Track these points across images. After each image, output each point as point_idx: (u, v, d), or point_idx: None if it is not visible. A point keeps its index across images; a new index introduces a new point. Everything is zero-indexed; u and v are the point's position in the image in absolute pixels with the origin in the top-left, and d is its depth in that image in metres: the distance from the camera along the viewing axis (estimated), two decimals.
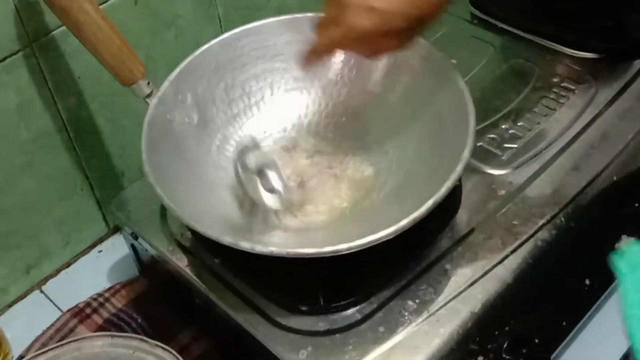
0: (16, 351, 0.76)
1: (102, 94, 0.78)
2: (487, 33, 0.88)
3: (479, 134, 0.75)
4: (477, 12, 0.92)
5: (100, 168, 0.83)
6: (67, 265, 0.86)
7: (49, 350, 0.69)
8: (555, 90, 0.79)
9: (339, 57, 0.76)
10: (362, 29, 0.57)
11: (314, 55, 0.64)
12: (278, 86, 0.77)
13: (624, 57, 0.82)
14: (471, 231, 0.67)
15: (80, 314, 0.78)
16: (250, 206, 0.69)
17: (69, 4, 0.63)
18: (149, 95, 0.69)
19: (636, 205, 0.76)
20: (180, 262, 0.69)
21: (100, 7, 0.68)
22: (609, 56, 0.82)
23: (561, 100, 0.78)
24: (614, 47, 0.83)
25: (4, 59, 0.69)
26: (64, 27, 0.67)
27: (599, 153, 0.73)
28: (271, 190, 0.66)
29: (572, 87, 0.80)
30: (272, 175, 0.66)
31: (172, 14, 0.81)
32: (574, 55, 0.83)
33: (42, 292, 0.84)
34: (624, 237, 0.74)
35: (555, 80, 0.81)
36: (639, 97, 0.78)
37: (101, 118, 0.80)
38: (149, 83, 0.69)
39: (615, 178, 0.72)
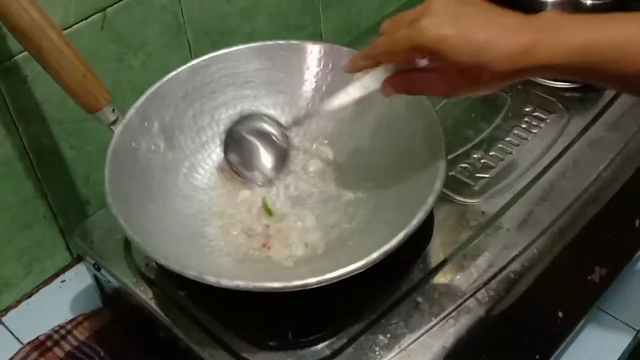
0: None
1: (66, 120, 0.76)
2: None
3: (451, 163, 0.74)
4: None
5: (64, 196, 0.81)
6: (29, 295, 0.83)
7: None
8: (527, 119, 0.79)
9: (310, 86, 0.75)
10: (430, 36, 0.53)
11: (365, 58, 0.60)
12: None
13: (596, 86, 0.82)
14: (443, 262, 0.66)
15: (41, 346, 0.75)
16: (218, 237, 0.68)
17: (31, 29, 0.61)
18: (113, 123, 0.67)
19: (608, 236, 0.75)
20: (145, 294, 0.67)
21: (66, 31, 0.67)
22: (581, 86, 0.82)
23: (533, 130, 0.78)
24: None
25: None
26: (27, 52, 0.66)
27: (571, 183, 0.73)
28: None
29: (544, 117, 0.79)
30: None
31: (139, 39, 0.79)
32: (546, 84, 0.83)
33: (1, 323, 0.81)
34: (596, 268, 0.74)
35: (527, 109, 0.81)
36: (610, 127, 0.78)
37: (65, 145, 0.78)
38: (113, 110, 0.67)
39: (587, 209, 0.71)
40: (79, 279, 0.83)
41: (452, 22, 0.53)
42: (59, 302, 0.82)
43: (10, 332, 0.80)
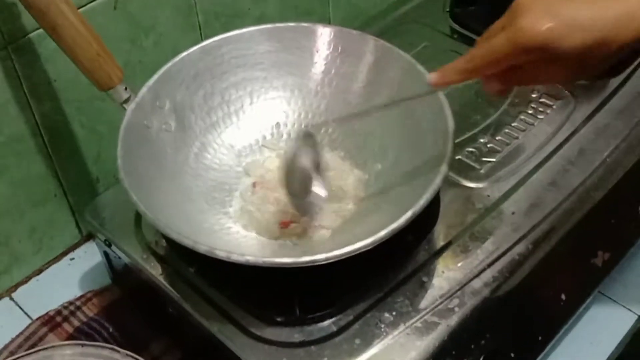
0: None
1: (78, 98, 0.77)
2: (467, 47, 0.87)
3: (458, 147, 0.75)
4: (457, 27, 0.92)
5: (75, 174, 0.82)
6: (39, 272, 0.84)
7: (17, 358, 0.68)
8: (533, 105, 0.80)
9: (319, 68, 0.76)
10: (533, 33, 0.49)
11: (462, 72, 0.57)
12: (258, 95, 0.77)
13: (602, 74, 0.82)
14: (448, 244, 0.67)
15: (51, 322, 0.76)
16: (228, 215, 0.69)
17: (47, 6, 0.62)
18: (126, 101, 0.68)
19: (612, 221, 0.76)
20: (154, 270, 0.68)
21: (80, 10, 0.67)
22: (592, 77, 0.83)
23: (539, 116, 0.79)
24: None
25: None
26: (41, 30, 0.66)
27: (576, 169, 0.73)
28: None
29: (550, 103, 0.80)
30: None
31: (151, 20, 0.80)
32: None
33: (11, 299, 0.82)
34: (599, 252, 0.75)
35: (533, 95, 0.81)
36: (616, 115, 0.79)
37: (77, 123, 0.79)
38: (126, 88, 0.68)
39: (591, 194, 0.72)
40: (88, 256, 0.84)
41: (549, 11, 0.50)
42: (68, 279, 0.83)
43: (20, 308, 0.81)
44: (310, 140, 0.66)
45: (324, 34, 0.75)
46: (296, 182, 0.64)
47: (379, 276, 0.65)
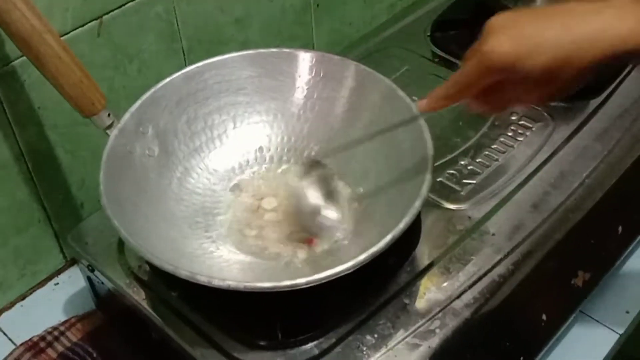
0: None
1: (62, 125, 0.77)
2: (448, 71, 0.90)
3: (439, 169, 0.76)
4: (437, 51, 0.94)
5: (59, 199, 0.82)
6: (22, 297, 0.84)
7: None
8: (513, 127, 0.81)
9: (301, 93, 0.77)
10: (497, 55, 0.51)
11: (446, 97, 0.59)
12: (241, 119, 0.78)
13: (581, 96, 0.84)
14: (430, 265, 0.68)
15: (34, 347, 0.76)
16: (210, 239, 0.70)
17: (30, 35, 0.62)
18: (109, 127, 0.69)
19: (592, 241, 0.77)
20: (137, 295, 0.68)
21: (62, 38, 0.68)
22: (566, 96, 0.84)
23: (519, 138, 0.80)
24: None
25: None
26: (25, 57, 0.67)
27: (556, 190, 0.74)
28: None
29: (530, 125, 0.81)
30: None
31: (135, 46, 0.81)
32: None
33: None
34: (580, 272, 0.75)
35: (513, 118, 0.82)
36: (595, 136, 0.80)
37: (60, 149, 0.79)
38: (109, 114, 0.68)
39: (571, 215, 0.73)
40: (72, 282, 0.84)
41: (512, 33, 0.51)
42: (52, 304, 0.82)
43: (4, 334, 0.80)
44: (316, 169, 0.70)
45: (306, 59, 0.76)
46: (304, 216, 0.69)
47: (361, 299, 0.65)
